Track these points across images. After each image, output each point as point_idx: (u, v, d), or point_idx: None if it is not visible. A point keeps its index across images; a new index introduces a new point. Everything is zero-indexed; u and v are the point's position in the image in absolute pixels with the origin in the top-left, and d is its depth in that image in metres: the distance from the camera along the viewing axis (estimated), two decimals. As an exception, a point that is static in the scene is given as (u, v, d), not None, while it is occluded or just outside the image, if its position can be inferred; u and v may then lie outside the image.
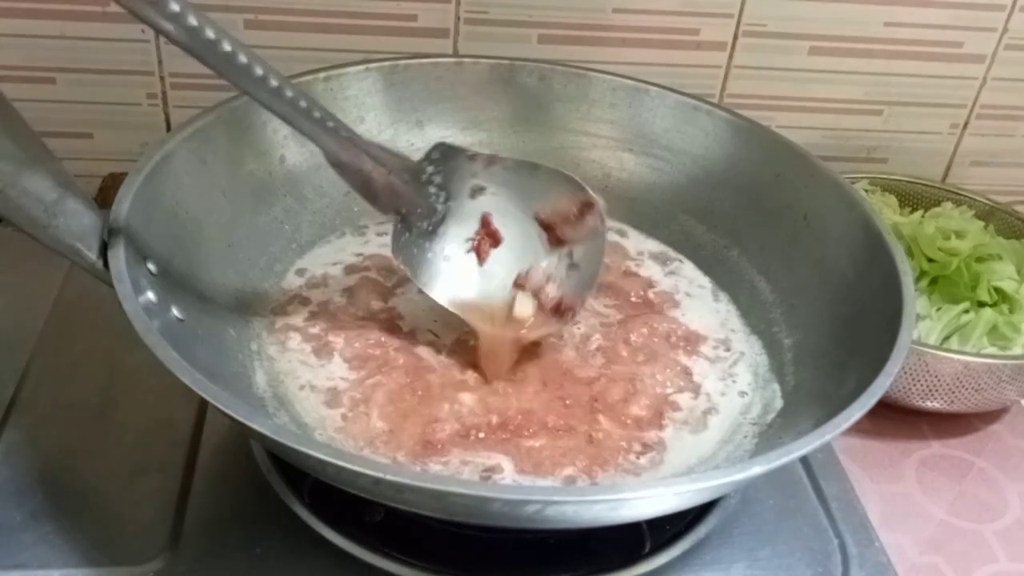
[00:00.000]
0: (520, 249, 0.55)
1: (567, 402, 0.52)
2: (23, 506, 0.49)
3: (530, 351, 0.55)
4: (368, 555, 0.48)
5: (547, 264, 0.55)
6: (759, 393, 0.55)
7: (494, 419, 0.50)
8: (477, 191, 0.54)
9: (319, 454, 0.38)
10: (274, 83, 0.43)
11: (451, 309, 0.54)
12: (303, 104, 0.45)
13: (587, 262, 0.54)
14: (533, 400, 0.52)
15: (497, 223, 0.55)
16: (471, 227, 0.55)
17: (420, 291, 0.54)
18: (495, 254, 0.56)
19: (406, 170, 0.51)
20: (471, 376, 0.53)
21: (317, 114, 0.46)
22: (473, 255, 0.55)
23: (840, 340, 0.53)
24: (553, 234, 0.55)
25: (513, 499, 0.39)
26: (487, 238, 0.55)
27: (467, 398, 0.51)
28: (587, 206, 0.53)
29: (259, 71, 0.42)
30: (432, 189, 0.53)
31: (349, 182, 0.50)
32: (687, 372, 0.55)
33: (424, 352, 0.54)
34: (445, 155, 0.53)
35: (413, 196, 0.52)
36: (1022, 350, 0.64)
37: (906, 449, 0.63)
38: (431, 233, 0.54)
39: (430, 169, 0.53)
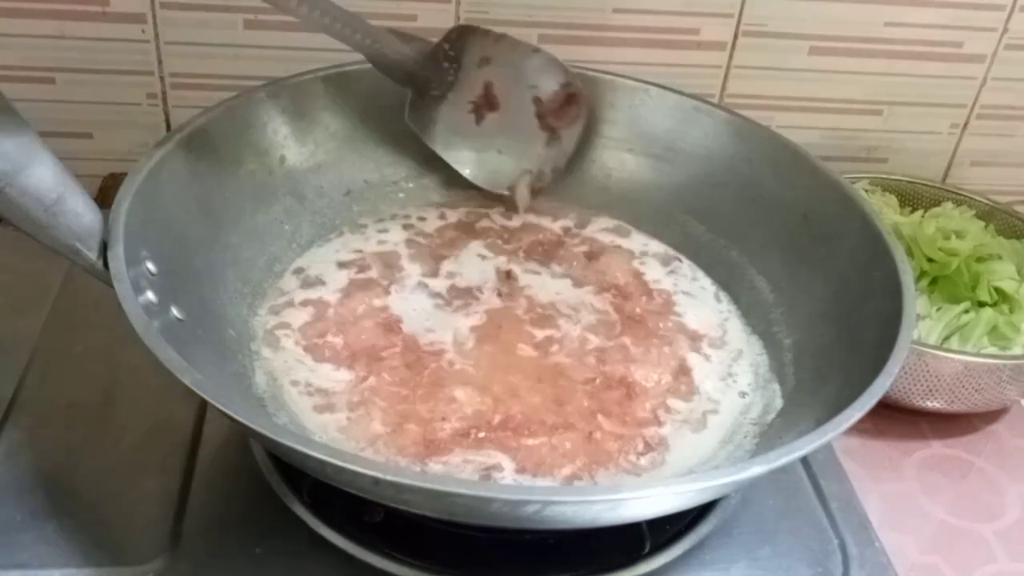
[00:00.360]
0: (513, 118, 0.64)
1: (567, 402, 0.52)
2: (23, 506, 0.49)
3: (531, 351, 0.55)
4: (368, 555, 0.48)
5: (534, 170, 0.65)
6: (759, 393, 0.55)
7: (494, 418, 0.50)
8: (484, 62, 0.63)
9: (319, 454, 0.38)
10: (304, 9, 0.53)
11: (448, 161, 0.64)
12: (330, 17, 0.55)
13: (567, 138, 0.65)
14: (533, 399, 0.52)
15: (496, 91, 0.64)
16: (475, 92, 0.63)
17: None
18: (491, 117, 0.64)
19: (423, 52, 0.61)
20: (470, 375, 0.53)
21: (340, 21, 0.56)
22: (472, 116, 0.64)
23: (840, 340, 0.53)
24: (543, 119, 0.64)
25: (513, 499, 0.39)
26: (486, 102, 0.64)
27: (467, 397, 0.51)
28: (573, 96, 0.64)
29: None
30: (446, 64, 0.62)
31: (375, 66, 0.60)
32: (687, 372, 0.55)
33: (423, 351, 0.54)
34: (462, 33, 0.62)
35: (428, 74, 0.61)
36: (1022, 350, 0.64)
37: (906, 449, 0.63)
38: (440, 98, 0.63)
39: (446, 47, 0.62)
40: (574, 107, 0.64)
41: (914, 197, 0.76)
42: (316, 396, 0.51)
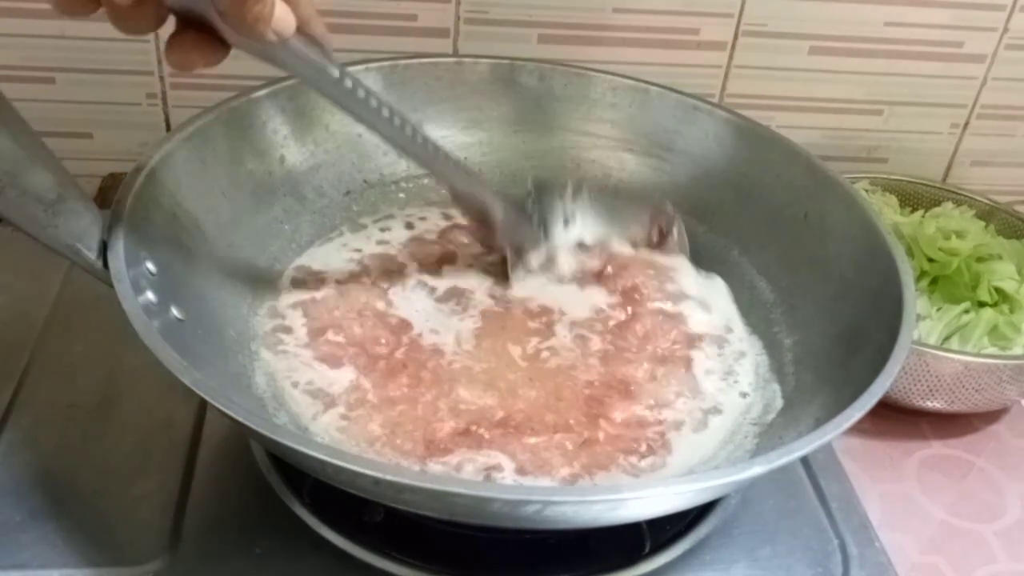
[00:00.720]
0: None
1: (568, 402, 0.52)
2: (23, 506, 0.49)
3: (532, 352, 0.55)
4: (368, 555, 0.48)
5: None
6: (760, 393, 0.55)
7: (495, 418, 0.50)
8: (568, 221, 0.61)
9: (319, 454, 0.38)
10: (408, 131, 0.50)
11: None
12: (436, 150, 0.52)
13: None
14: (534, 399, 0.52)
15: (588, 244, 0.61)
16: (569, 255, 0.60)
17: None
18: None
19: (513, 205, 0.58)
20: (471, 375, 0.53)
21: (445, 156, 0.53)
22: (574, 281, 0.60)
23: (840, 340, 0.53)
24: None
25: (513, 499, 0.39)
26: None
27: (467, 397, 0.51)
28: (660, 229, 0.61)
29: (397, 121, 0.49)
30: (536, 225, 0.60)
31: (468, 215, 0.58)
32: (688, 372, 0.55)
33: (423, 351, 0.54)
34: (539, 189, 0.60)
35: (526, 227, 0.59)
36: (1022, 350, 0.64)
37: (906, 449, 0.63)
38: (540, 262, 0.60)
39: (530, 203, 0.59)
40: (668, 239, 0.62)
41: (914, 197, 0.76)
42: (316, 396, 0.51)
